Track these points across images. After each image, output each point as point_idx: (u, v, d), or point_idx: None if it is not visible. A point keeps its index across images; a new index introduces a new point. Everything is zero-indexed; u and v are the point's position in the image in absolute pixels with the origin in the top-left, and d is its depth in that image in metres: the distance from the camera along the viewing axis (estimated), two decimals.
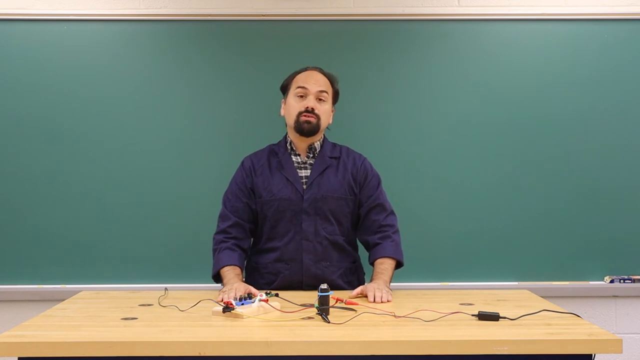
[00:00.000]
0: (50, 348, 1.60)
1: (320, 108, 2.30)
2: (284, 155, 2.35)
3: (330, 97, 2.34)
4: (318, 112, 2.28)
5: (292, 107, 2.31)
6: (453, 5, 2.85)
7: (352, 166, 2.36)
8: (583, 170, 2.84)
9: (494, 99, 2.84)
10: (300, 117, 2.27)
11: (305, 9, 2.82)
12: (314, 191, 2.30)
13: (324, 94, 2.31)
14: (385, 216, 2.35)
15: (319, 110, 2.29)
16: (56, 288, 2.78)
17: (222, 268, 2.24)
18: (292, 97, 2.32)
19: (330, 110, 2.36)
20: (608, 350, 1.62)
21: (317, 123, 2.28)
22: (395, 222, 2.37)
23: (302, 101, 2.29)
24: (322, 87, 2.31)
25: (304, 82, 2.31)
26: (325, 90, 2.31)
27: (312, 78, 2.32)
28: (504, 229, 2.84)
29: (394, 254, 2.29)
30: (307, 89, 2.29)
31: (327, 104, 2.32)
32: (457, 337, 1.63)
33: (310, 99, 2.29)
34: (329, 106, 2.34)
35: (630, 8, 2.83)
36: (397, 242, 2.33)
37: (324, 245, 2.30)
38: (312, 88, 2.29)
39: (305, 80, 2.31)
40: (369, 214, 2.35)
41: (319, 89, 2.30)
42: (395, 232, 2.35)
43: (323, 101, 2.31)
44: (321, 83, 2.32)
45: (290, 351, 1.60)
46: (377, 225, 2.34)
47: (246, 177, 2.34)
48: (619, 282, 2.83)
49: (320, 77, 2.34)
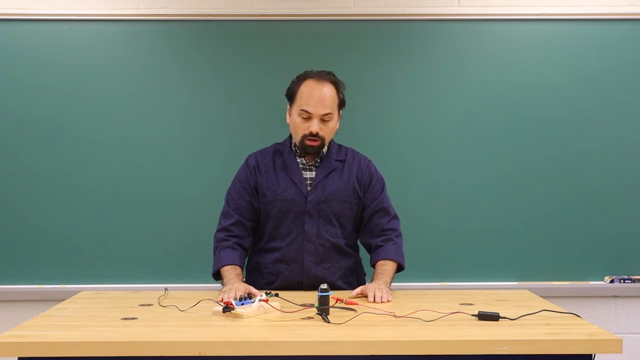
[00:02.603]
0: (50, 348, 1.60)
1: (325, 128, 2.24)
2: (288, 155, 2.33)
3: (335, 112, 2.27)
4: (322, 135, 2.24)
5: (297, 126, 2.25)
6: (453, 5, 2.85)
7: (357, 169, 2.35)
8: (583, 170, 2.84)
9: (493, 99, 2.84)
10: (305, 140, 2.24)
11: (305, 9, 2.82)
12: (318, 193, 2.29)
13: (329, 115, 2.24)
14: (388, 220, 2.34)
15: (323, 131, 2.24)
16: (56, 288, 2.78)
17: (223, 267, 2.24)
18: (295, 115, 2.25)
19: (335, 126, 2.30)
20: (608, 350, 1.62)
21: (321, 144, 2.25)
22: (399, 226, 2.37)
23: (306, 122, 2.23)
24: (326, 108, 2.21)
25: (308, 104, 2.21)
26: (330, 112, 2.23)
27: (316, 98, 2.21)
28: (504, 229, 2.84)
29: (395, 257, 2.29)
30: (311, 114, 2.22)
31: (332, 121, 2.26)
32: (457, 337, 1.63)
33: (315, 122, 2.22)
34: (334, 122, 2.28)
35: (630, 8, 2.83)
36: (399, 246, 2.33)
37: (326, 247, 2.30)
38: (316, 112, 2.21)
39: (308, 102, 2.21)
40: (372, 217, 2.35)
41: (323, 112, 2.22)
42: (398, 236, 2.34)
43: (328, 121, 2.25)
44: (326, 103, 2.22)
45: (290, 351, 1.60)
46: (380, 228, 2.33)
47: (250, 176, 2.34)
48: (619, 282, 2.83)
49: (324, 95, 2.22)
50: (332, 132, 2.29)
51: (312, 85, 2.23)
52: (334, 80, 2.27)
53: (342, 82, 2.31)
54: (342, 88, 2.30)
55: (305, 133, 2.23)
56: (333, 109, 2.24)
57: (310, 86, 2.23)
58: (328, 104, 2.22)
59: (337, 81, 2.28)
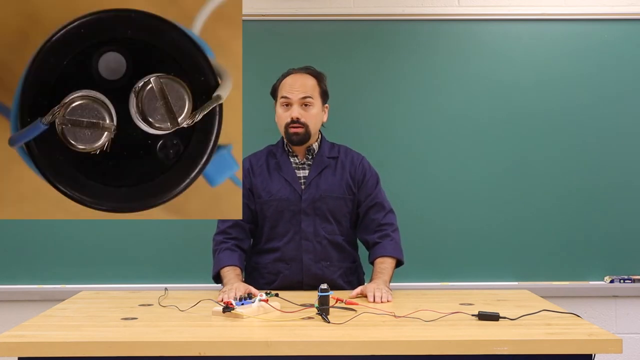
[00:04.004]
0: (50, 348, 1.60)
1: (307, 114, 2.26)
2: (282, 156, 2.35)
3: (317, 98, 2.29)
4: (305, 120, 2.24)
5: (280, 117, 2.29)
6: (453, 5, 2.85)
7: (351, 165, 2.36)
8: (583, 170, 2.84)
9: (493, 99, 2.84)
10: (288, 128, 2.25)
11: (305, 9, 2.82)
12: (312, 191, 2.30)
13: (309, 99, 2.26)
14: (384, 215, 2.35)
15: (305, 118, 2.25)
16: (56, 288, 2.78)
17: (222, 268, 2.24)
18: (278, 107, 2.29)
19: (320, 112, 2.31)
20: (608, 350, 1.61)
21: (306, 132, 2.26)
22: (395, 221, 2.37)
23: (287, 111, 2.26)
24: (306, 92, 2.25)
25: (287, 91, 2.25)
26: (309, 95, 2.25)
27: (294, 85, 2.25)
28: (504, 229, 2.84)
29: (394, 253, 2.29)
30: (290, 98, 2.25)
31: (314, 107, 2.27)
32: (457, 337, 1.63)
33: (295, 108, 2.24)
34: (317, 109, 2.29)
35: (630, 8, 2.83)
36: (397, 241, 2.33)
37: (324, 245, 2.30)
38: (294, 96, 2.24)
39: (288, 89, 2.26)
40: (367, 213, 2.35)
41: (301, 95, 2.24)
42: (394, 231, 2.34)
43: (309, 106, 2.26)
44: (306, 88, 2.26)
45: (290, 351, 1.60)
46: (376, 224, 2.34)
47: (245, 178, 2.35)
48: (619, 282, 2.83)
49: (304, 81, 2.27)
50: (315, 119, 2.28)
51: (292, 77, 2.29)
52: (314, 72, 2.32)
53: (325, 74, 2.34)
54: (324, 79, 2.33)
55: (287, 121, 2.25)
56: (314, 95, 2.27)
57: (291, 77, 2.29)
58: (307, 89, 2.26)
59: (318, 73, 2.33)
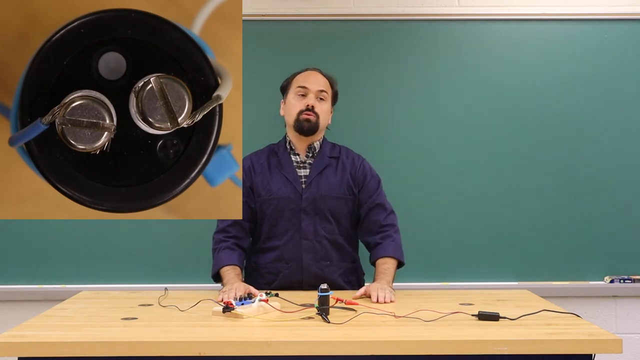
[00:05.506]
0: (50, 348, 1.60)
1: (320, 107, 2.31)
2: (283, 154, 2.36)
3: (329, 97, 2.36)
4: (318, 111, 2.30)
5: (293, 106, 2.32)
6: (453, 5, 2.85)
7: (351, 166, 2.37)
8: (583, 170, 2.83)
9: (493, 99, 2.84)
10: (301, 115, 2.29)
11: (305, 9, 2.82)
12: (312, 190, 2.30)
13: (324, 93, 2.33)
14: (385, 216, 2.35)
15: (318, 109, 2.30)
16: (56, 288, 2.78)
17: (222, 268, 2.24)
18: (292, 96, 2.34)
19: (329, 110, 2.37)
20: (608, 350, 1.62)
21: (317, 121, 2.29)
22: (396, 222, 2.38)
23: (303, 100, 2.31)
24: (322, 86, 2.33)
25: (304, 81, 2.33)
26: (325, 90, 2.33)
27: (312, 78, 2.34)
28: (504, 229, 2.83)
29: (395, 254, 2.29)
30: (308, 88, 2.31)
31: (326, 103, 2.34)
32: (457, 337, 1.63)
33: (311, 97, 2.31)
34: (328, 106, 2.36)
35: (630, 8, 2.83)
36: (398, 242, 2.33)
37: (324, 245, 2.30)
38: (312, 87, 2.31)
39: (305, 79, 2.34)
40: (369, 214, 2.35)
41: (319, 88, 2.32)
42: (396, 232, 2.35)
43: (323, 100, 2.33)
44: (321, 83, 2.34)
45: (290, 351, 1.60)
46: (378, 225, 2.34)
47: (245, 176, 2.35)
48: (619, 282, 2.83)
49: (320, 78, 2.36)
50: (326, 115, 2.34)
51: (309, 72, 2.37)
52: (327, 75, 2.40)
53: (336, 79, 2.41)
54: (335, 84, 2.41)
55: (301, 108, 2.29)
56: (328, 91, 2.36)
57: (307, 72, 2.37)
58: (323, 84, 2.35)
59: (331, 77, 2.41)
